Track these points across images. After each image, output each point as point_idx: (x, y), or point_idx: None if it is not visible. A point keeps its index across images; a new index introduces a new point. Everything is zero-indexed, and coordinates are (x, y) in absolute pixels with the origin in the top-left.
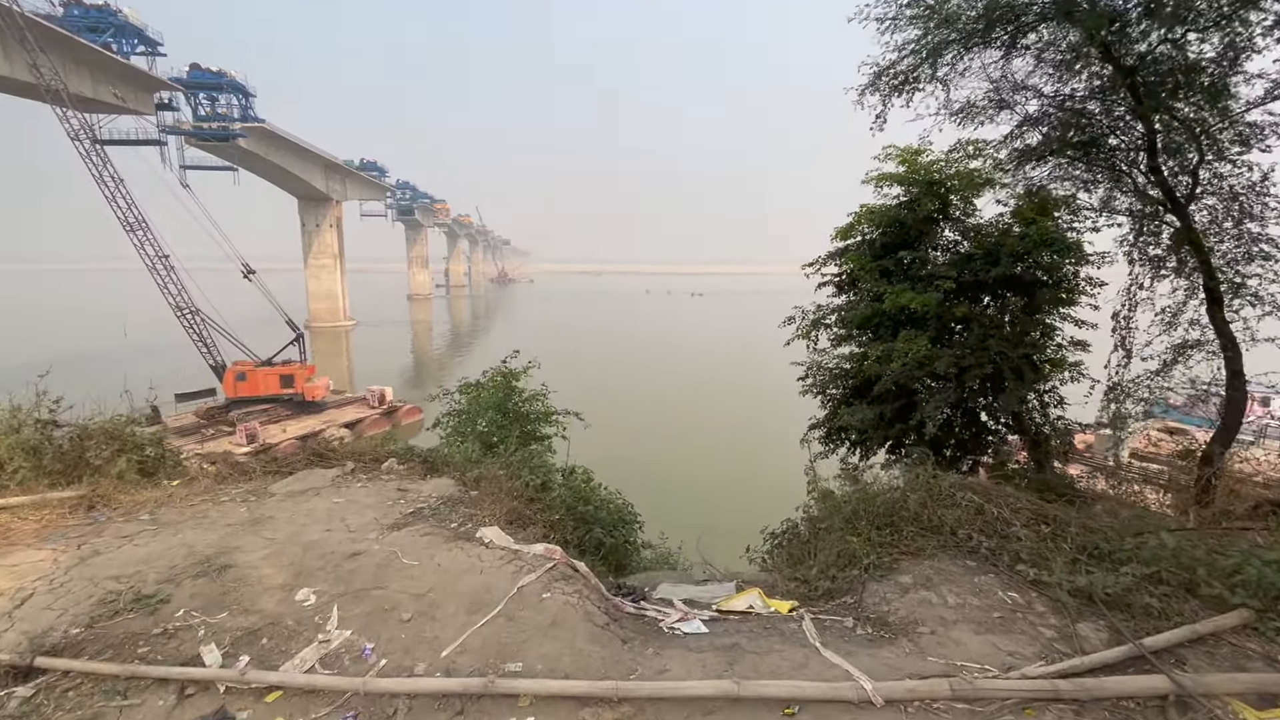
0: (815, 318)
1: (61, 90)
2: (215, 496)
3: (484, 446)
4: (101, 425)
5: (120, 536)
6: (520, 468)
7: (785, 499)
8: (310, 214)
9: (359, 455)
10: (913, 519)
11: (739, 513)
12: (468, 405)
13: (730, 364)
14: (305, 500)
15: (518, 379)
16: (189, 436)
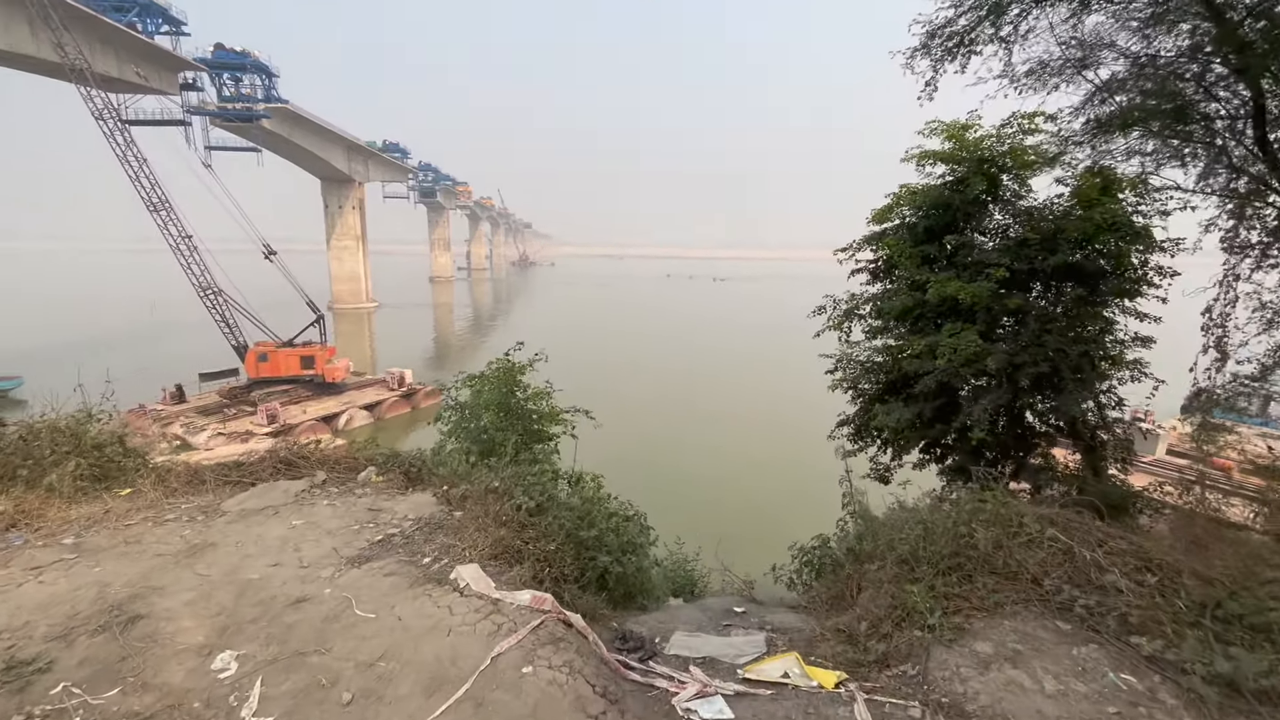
0: (848, 307)
1: (86, 69)
2: (159, 513)
3: (482, 449)
4: (51, 424)
5: (28, 569)
6: (513, 485)
7: (811, 503)
8: (333, 195)
9: (333, 464)
10: (983, 561)
11: (761, 513)
12: (470, 399)
13: (754, 354)
14: (259, 522)
15: (522, 373)
16: (212, 416)
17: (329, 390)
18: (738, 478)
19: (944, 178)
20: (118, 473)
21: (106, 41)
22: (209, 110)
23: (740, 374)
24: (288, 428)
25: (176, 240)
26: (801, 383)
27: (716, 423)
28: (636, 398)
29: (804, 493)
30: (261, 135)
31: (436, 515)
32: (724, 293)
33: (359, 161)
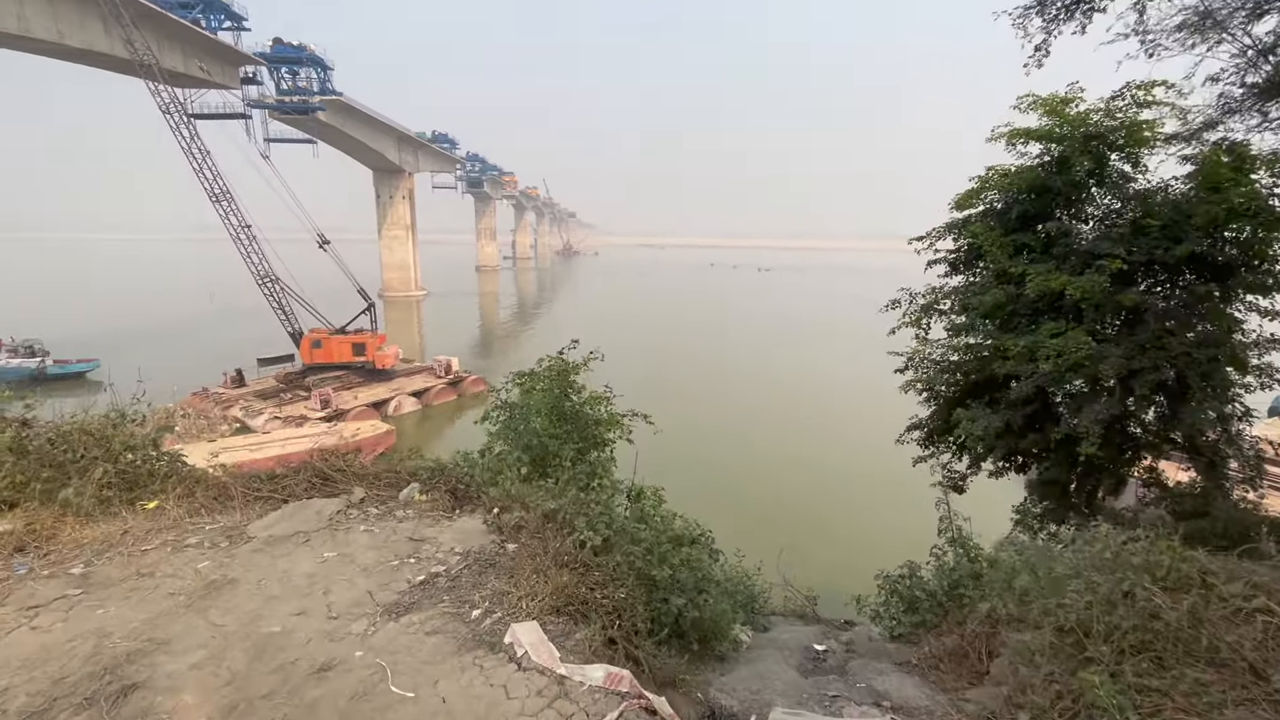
0: (926, 302)
1: (154, 65)
2: (180, 535)
3: (534, 458)
4: (81, 425)
5: (25, 608)
6: (574, 515)
7: (874, 509)
8: (384, 186)
9: (373, 479)
10: (1175, 639)
11: (819, 518)
12: (520, 398)
13: (805, 349)
14: (287, 551)
15: (576, 373)
16: (269, 400)
17: (379, 377)
18: (790, 477)
19: (1039, 158)
20: (147, 479)
21: (173, 38)
22: (268, 103)
23: (790, 369)
24: (340, 413)
25: (237, 230)
26: (856, 378)
27: (767, 419)
28: (682, 391)
29: (866, 497)
30: (316, 127)
31: (487, 548)
32: (770, 283)
33: (409, 152)
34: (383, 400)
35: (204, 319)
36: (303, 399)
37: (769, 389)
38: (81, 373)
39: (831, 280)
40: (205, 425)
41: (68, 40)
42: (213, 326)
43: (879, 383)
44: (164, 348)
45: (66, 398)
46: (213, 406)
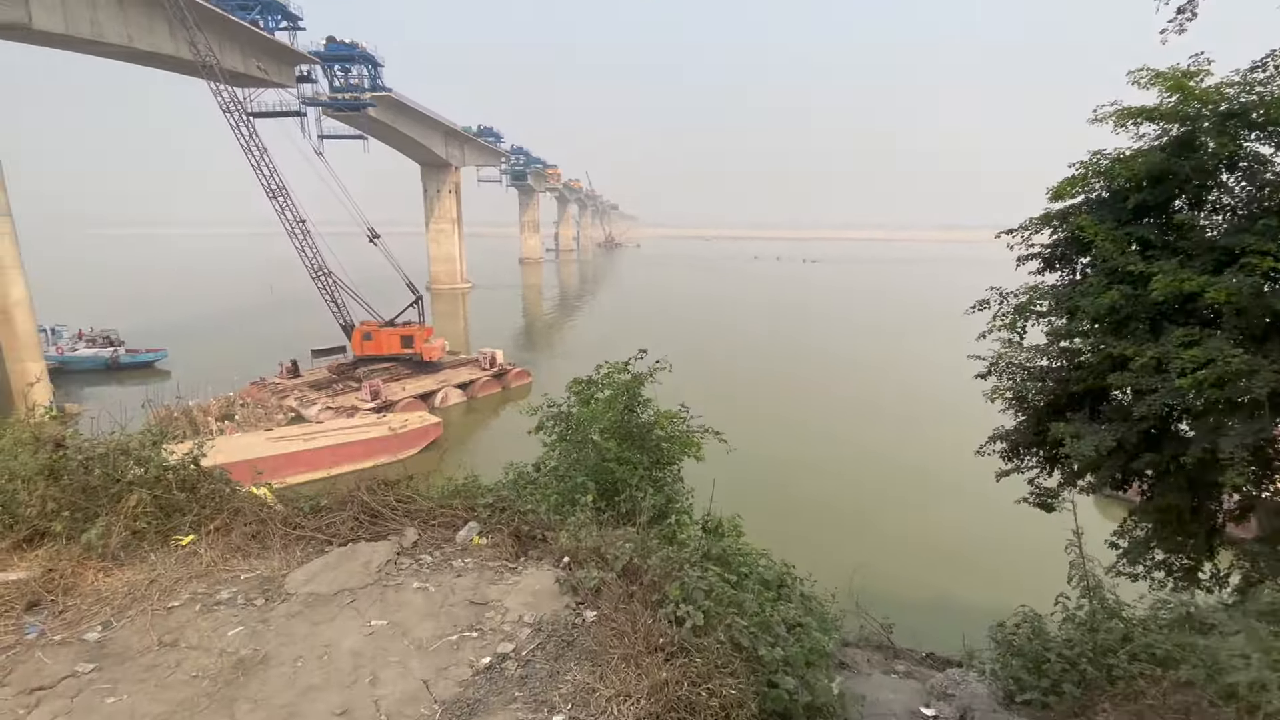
0: (1022, 302)
1: (215, 65)
2: (211, 587)
3: (601, 484)
4: (119, 445)
5: (26, 692)
6: (664, 578)
7: (945, 524)
8: (431, 180)
9: (426, 516)
10: None
11: (886, 533)
12: (578, 408)
13: (867, 343)
14: (329, 616)
15: (642, 384)
16: (322, 390)
17: (426, 368)
18: (852, 485)
19: (1159, 139)
20: (185, 505)
21: (233, 39)
22: (322, 101)
23: (848, 370)
24: (389, 404)
25: (292, 225)
26: (929, 379)
27: (822, 422)
28: (732, 391)
29: (936, 505)
30: (367, 123)
31: (562, 618)
32: (817, 276)
33: (455, 146)
34: (430, 392)
35: (263, 310)
36: (354, 390)
37: (816, 388)
38: (150, 362)
39: (881, 273)
40: (263, 414)
41: (136, 44)
42: (271, 318)
43: (958, 386)
44: (226, 337)
45: (137, 385)
46: (269, 396)
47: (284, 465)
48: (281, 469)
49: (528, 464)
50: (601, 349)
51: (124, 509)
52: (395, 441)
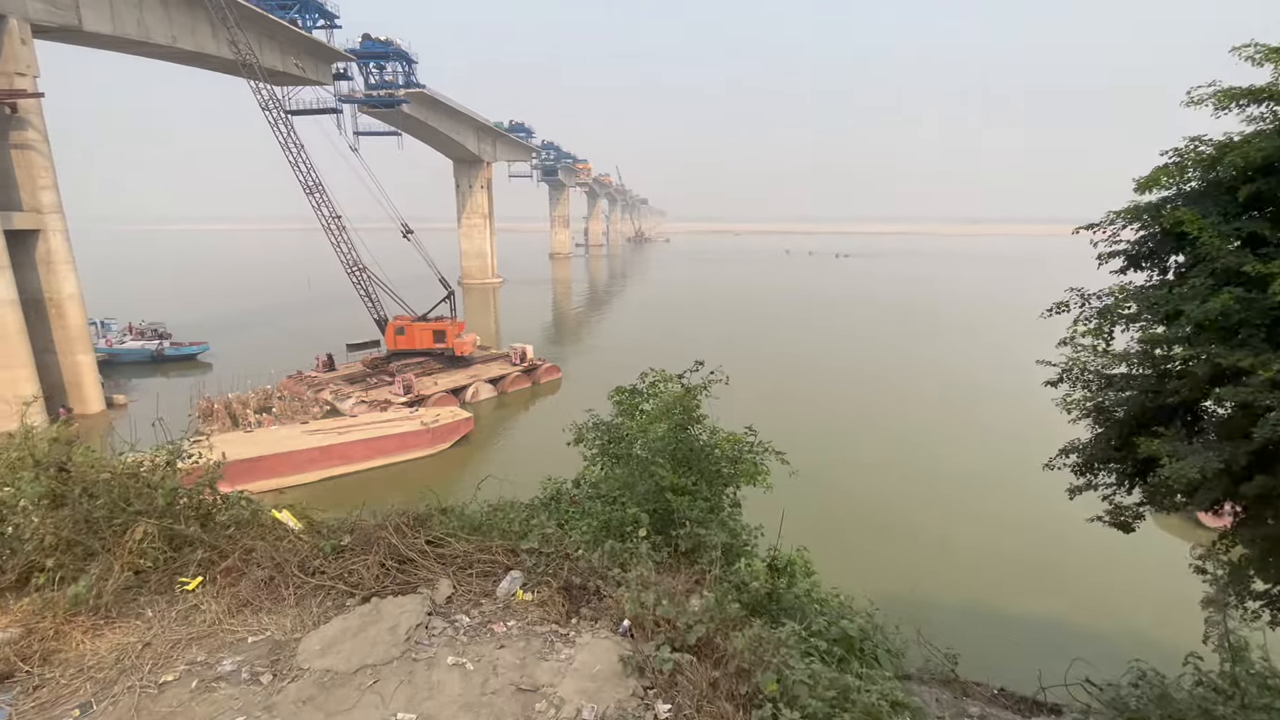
0: (1108, 305)
1: (255, 64)
2: (212, 654)
3: (655, 513)
4: (129, 469)
5: None
6: (754, 665)
7: (1017, 540)
8: (464, 175)
9: (463, 562)
10: None
11: (948, 550)
12: (621, 420)
13: (902, 343)
14: (347, 704)
15: (696, 397)
16: (356, 384)
17: (458, 363)
18: (902, 490)
19: (1272, 123)
20: (197, 538)
21: (272, 37)
22: (357, 98)
23: (892, 367)
24: (421, 398)
25: (328, 220)
26: (972, 379)
27: (869, 421)
28: (776, 389)
29: (992, 522)
30: (401, 119)
31: (629, 709)
32: (851, 270)
33: (487, 142)
34: (461, 387)
35: (301, 304)
36: (387, 384)
37: (871, 392)
38: (193, 354)
39: (915, 266)
40: (299, 407)
41: (181, 44)
42: (308, 311)
43: (1017, 385)
44: (266, 330)
45: (181, 377)
46: (306, 389)
47: (319, 458)
48: (316, 462)
49: (566, 480)
50: (632, 344)
51: (128, 544)
52: (427, 436)
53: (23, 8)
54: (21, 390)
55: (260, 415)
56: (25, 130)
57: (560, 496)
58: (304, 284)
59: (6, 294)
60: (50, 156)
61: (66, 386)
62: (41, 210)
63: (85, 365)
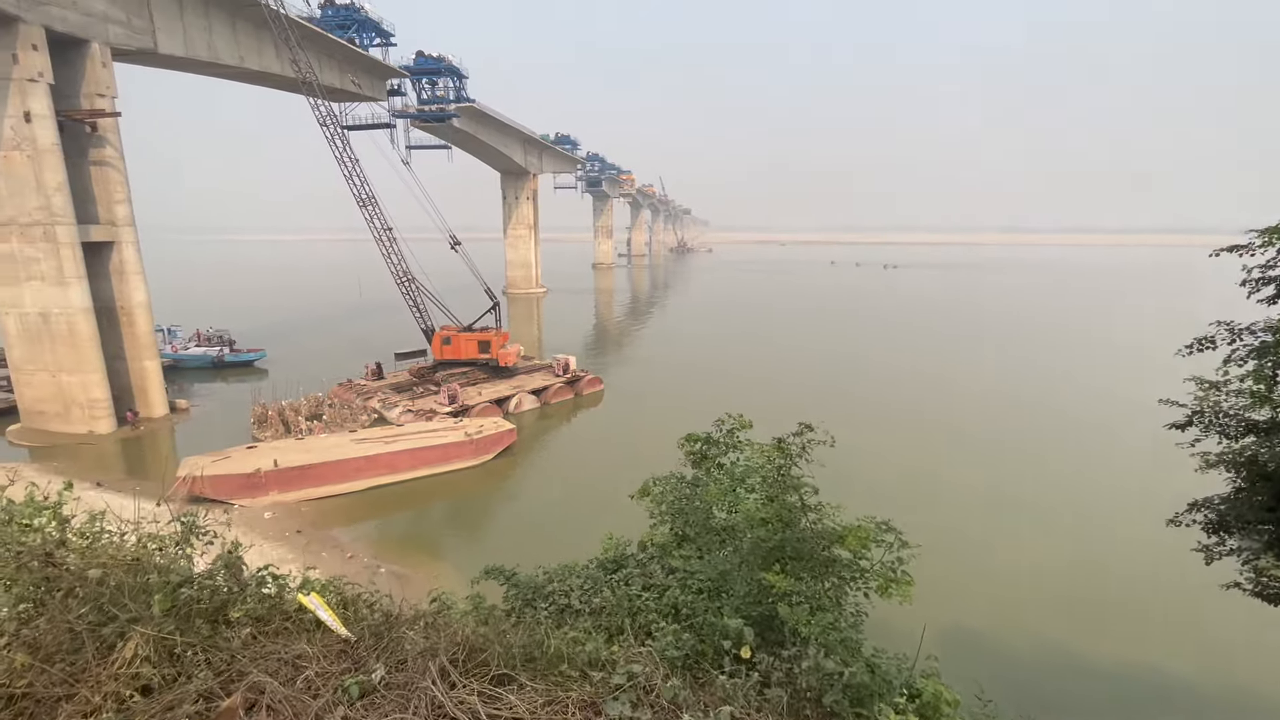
0: (1267, 342)
1: (314, 82)
2: None
3: (754, 613)
4: (128, 556)
5: None
6: None
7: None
8: (510, 187)
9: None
10: None
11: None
12: (695, 475)
13: (973, 361)
14: None
15: (796, 460)
16: (403, 393)
17: (502, 374)
18: (967, 518)
19: None
20: (204, 646)
21: (330, 56)
22: (410, 113)
23: (956, 400)
24: (465, 408)
25: (380, 232)
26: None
27: (933, 451)
28: (836, 413)
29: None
30: (451, 133)
31: None
32: (906, 283)
33: (534, 154)
34: (505, 397)
35: (353, 312)
36: (433, 393)
37: (949, 416)
38: (251, 361)
39: (967, 279)
40: (348, 415)
41: (247, 64)
42: (359, 320)
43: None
44: (318, 337)
45: (239, 382)
46: (355, 397)
47: (365, 467)
48: (363, 471)
49: (629, 541)
50: (676, 358)
51: (116, 664)
52: (471, 447)
53: (104, 33)
54: (93, 394)
55: (311, 422)
56: (104, 148)
57: (624, 561)
58: (354, 292)
59: (82, 302)
60: (125, 172)
61: (134, 391)
62: (116, 223)
63: (151, 370)
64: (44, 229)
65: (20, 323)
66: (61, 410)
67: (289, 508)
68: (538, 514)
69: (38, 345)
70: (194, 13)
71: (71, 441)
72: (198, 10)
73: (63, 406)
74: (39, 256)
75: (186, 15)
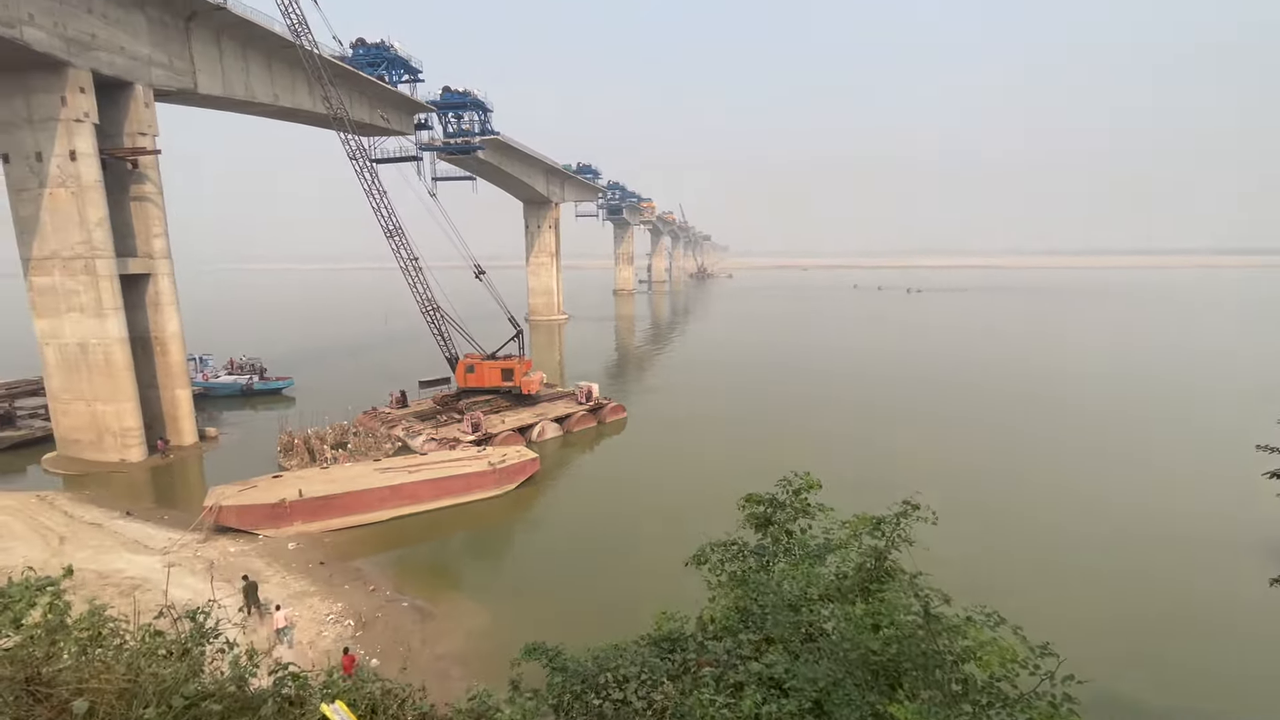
0: None
1: (345, 117)
2: None
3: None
4: (120, 681)
5: None
6: None
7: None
8: (532, 216)
9: None
10: None
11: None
12: (763, 544)
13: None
14: None
15: (897, 544)
16: (427, 421)
17: (525, 402)
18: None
19: None
20: None
21: (361, 92)
22: (437, 146)
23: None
24: (489, 436)
25: (406, 262)
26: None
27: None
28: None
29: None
30: (476, 165)
31: None
32: (935, 309)
33: (556, 184)
34: (528, 425)
35: (378, 340)
36: (456, 422)
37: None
38: (279, 389)
39: (999, 304)
40: (373, 443)
41: (282, 101)
42: (385, 348)
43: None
44: (345, 365)
45: (267, 410)
46: (379, 425)
47: (389, 497)
48: (386, 501)
49: (686, 615)
50: (696, 384)
51: None
52: (494, 476)
53: (148, 75)
54: (126, 423)
55: (336, 451)
56: (144, 184)
57: (682, 645)
58: (380, 321)
59: (118, 333)
60: (163, 206)
61: (165, 419)
62: (153, 255)
63: (183, 399)
64: (85, 262)
65: (60, 353)
66: (95, 439)
67: (313, 538)
68: (562, 546)
69: (75, 375)
70: (232, 54)
71: (104, 470)
72: (236, 52)
73: (96, 435)
74: (79, 289)
75: (225, 57)
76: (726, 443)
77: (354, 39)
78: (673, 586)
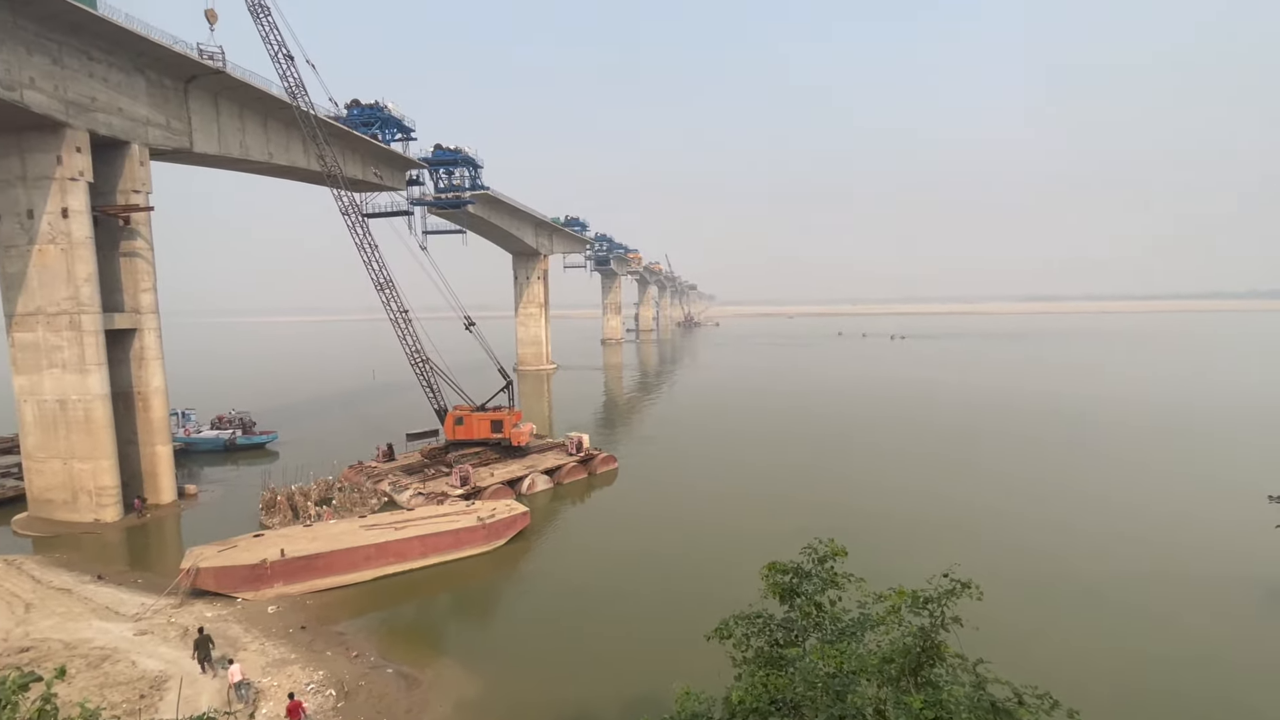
0: None
1: (339, 174)
2: None
3: None
4: None
5: None
6: None
7: None
8: (521, 268)
9: None
10: None
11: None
12: (792, 617)
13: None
14: None
15: (943, 626)
16: (414, 475)
17: (514, 453)
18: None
19: None
20: None
21: (354, 150)
22: (427, 200)
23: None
24: (477, 490)
25: (396, 314)
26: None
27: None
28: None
29: None
30: (466, 219)
31: None
32: (926, 354)
33: (544, 236)
34: (518, 478)
35: (366, 393)
36: (444, 475)
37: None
38: (263, 444)
39: (991, 350)
40: (358, 499)
41: (276, 159)
42: (372, 400)
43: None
44: (332, 419)
45: (250, 465)
46: (365, 480)
47: (375, 556)
48: (372, 560)
49: (713, 698)
50: (687, 434)
51: None
52: (483, 532)
53: (145, 135)
54: (102, 481)
55: (321, 507)
56: (135, 240)
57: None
58: (368, 375)
59: (100, 389)
60: (153, 262)
61: (144, 476)
62: (140, 311)
63: (163, 455)
64: (70, 318)
65: (38, 409)
66: (69, 498)
67: (295, 600)
68: (554, 605)
69: (53, 432)
70: (229, 114)
71: (77, 531)
72: (233, 112)
73: (70, 494)
74: (62, 344)
75: (222, 117)
76: (721, 493)
77: (349, 100)
78: (675, 654)
